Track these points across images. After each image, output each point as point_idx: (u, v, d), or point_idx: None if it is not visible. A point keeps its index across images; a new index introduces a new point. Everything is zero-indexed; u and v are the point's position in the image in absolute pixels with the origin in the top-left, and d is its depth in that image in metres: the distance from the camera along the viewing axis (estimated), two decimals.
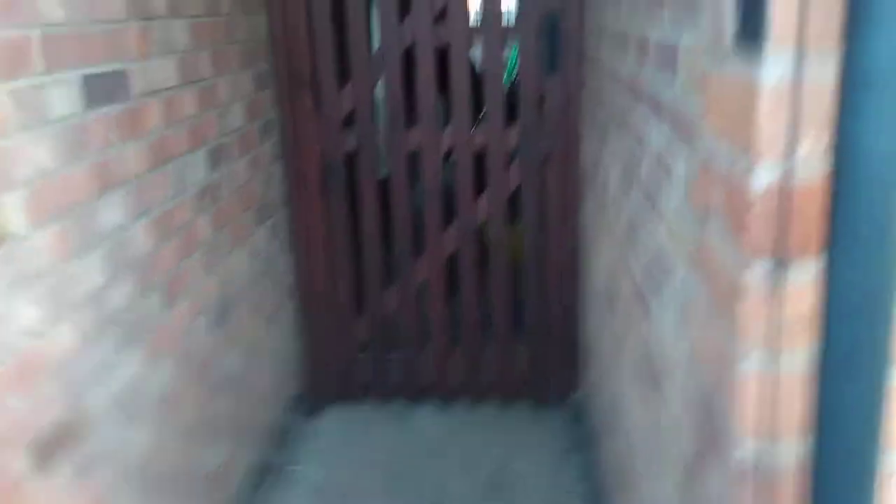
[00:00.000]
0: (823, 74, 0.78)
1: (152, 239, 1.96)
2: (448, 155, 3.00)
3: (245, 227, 2.61)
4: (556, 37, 2.80)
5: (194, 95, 2.25)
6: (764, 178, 0.84)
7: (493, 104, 2.93)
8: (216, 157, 2.38)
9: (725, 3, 0.92)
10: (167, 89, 2.07)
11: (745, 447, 0.92)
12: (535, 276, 3.09)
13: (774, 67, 0.80)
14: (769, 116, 0.82)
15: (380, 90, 3.08)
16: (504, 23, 2.91)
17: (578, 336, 3.03)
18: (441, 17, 2.89)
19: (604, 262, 2.18)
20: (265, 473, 2.81)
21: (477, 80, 2.97)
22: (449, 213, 3.05)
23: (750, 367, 0.90)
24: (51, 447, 1.53)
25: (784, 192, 0.82)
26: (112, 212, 1.78)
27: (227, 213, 2.47)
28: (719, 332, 0.99)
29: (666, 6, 1.32)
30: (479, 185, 3.01)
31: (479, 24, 2.95)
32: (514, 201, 3.07)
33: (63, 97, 1.59)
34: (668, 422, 1.37)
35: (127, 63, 1.86)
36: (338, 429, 3.17)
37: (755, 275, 0.86)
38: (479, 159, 2.97)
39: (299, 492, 2.80)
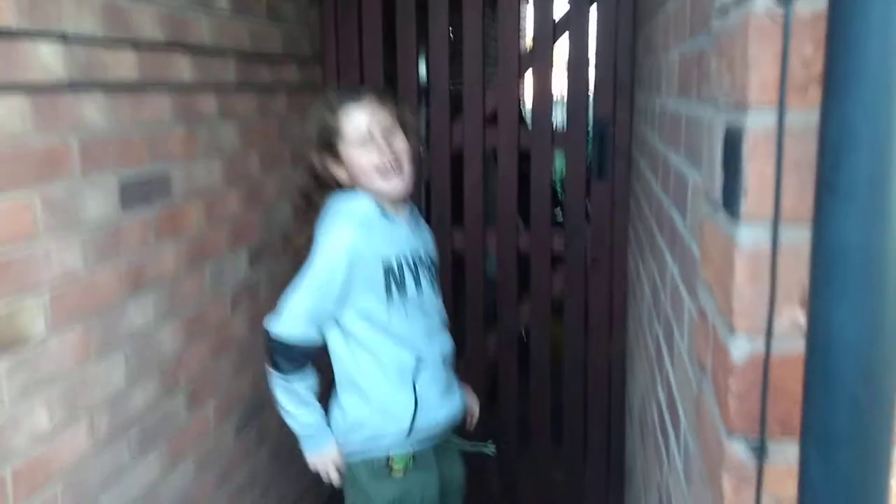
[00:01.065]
0: (799, 250, 0.72)
1: (181, 339, 1.98)
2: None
3: None
4: (606, 143, 2.78)
5: (240, 194, 2.30)
6: (743, 348, 0.77)
7: (540, 208, 2.90)
8: (258, 255, 2.41)
9: (716, 161, 0.88)
10: (211, 189, 2.12)
11: None
12: (576, 385, 2.98)
13: (751, 236, 0.75)
14: (746, 284, 0.76)
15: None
16: (554, 127, 2.91)
17: (619, 455, 2.89)
18: (492, 120, 2.91)
19: (640, 383, 2.08)
20: None
21: (526, 182, 2.96)
22: (491, 316, 3.01)
23: None
24: None
25: (764, 367, 0.76)
26: (141, 312, 1.80)
27: (265, 312, 2.48)
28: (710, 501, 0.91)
29: (683, 137, 1.28)
30: (523, 289, 2.97)
31: (530, 127, 2.97)
32: (559, 306, 3.00)
33: (98, 200, 1.64)
34: None
35: (170, 165, 1.92)
36: None
37: (736, 451, 0.79)
38: (524, 262, 2.93)
39: None
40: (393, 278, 1.74)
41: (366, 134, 1.73)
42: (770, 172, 0.74)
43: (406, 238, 1.81)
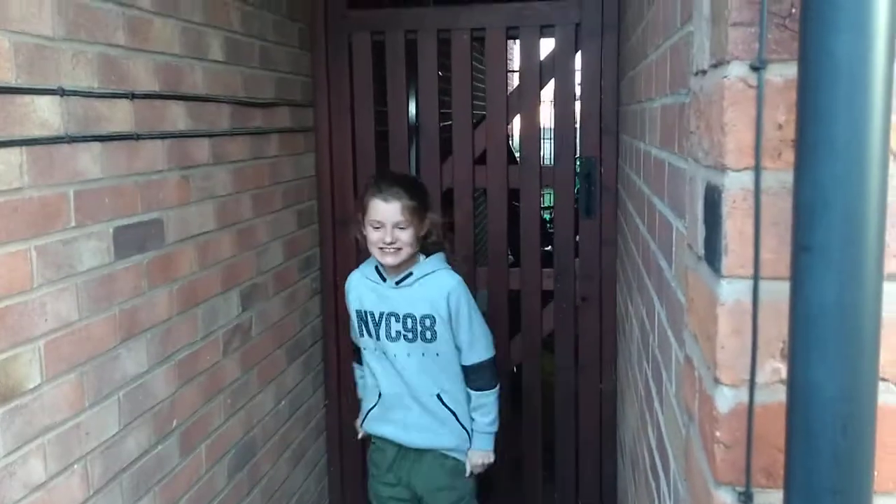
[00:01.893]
0: (779, 305, 0.75)
1: (174, 382, 1.99)
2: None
3: (276, 364, 2.63)
4: (592, 182, 2.82)
5: (232, 238, 2.33)
6: (728, 399, 0.80)
7: (529, 246, 2.94)
8: (249, 297, 2.43)
9: (698, 215, 0.91)
10: (204, 234, 2.14)
11: None
12: (568, 421, 2.99)
13: (732, 292, 0.78)
14: (729, 337, 0.79)
15: None
16: (542, 162, 2.96)
17: (611, 492, 2.89)
18: (481, 160, 2.96)
19: (631, 421, 2.10)
20: None
21: (515, 219, 3.00)
22: None
23: None
24: None
25: (748, 417, 0.78)
26: (134, 359, 1.82)
27: (258, 351, 2.50)
28: None
29: (666, 185, 1.32)
30: (514, 328, 2.99)
31: (518, 162, 3.01)
32: (550, 343, 3.02)
33: (93, 250, 1.66)
34: None
35: (163, 211, 1.94)
36: None
37: (723, 500, 0.81)
38: (514, 301, 2.96)
39: None
40: (363, 322, 2.36)
41: (378, 220, 2.21)
42: (749, 230, 0.77)
43: (386, 297, 2.30)
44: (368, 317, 2.34)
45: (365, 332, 2.36)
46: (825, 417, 0.68)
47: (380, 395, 2.37)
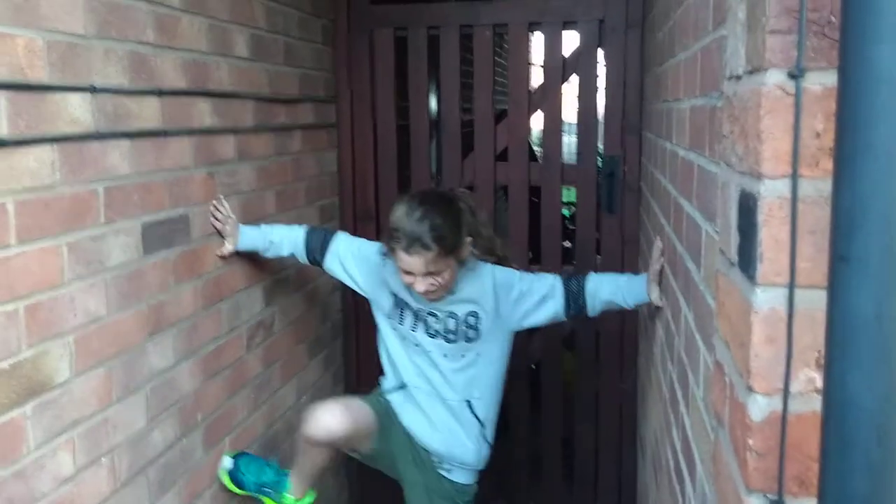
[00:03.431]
0: (814, 314, 0.75)
1: (199, 377, 2.01)
2: None
3: (297, 359, 2.65)
4: (615, 180, 2.81)
5: None
6: (762, 407, 0.80)
7: (550, 243, 2.93)
8: (272, 292, 2.45)
9: (731, 221, 0.91)
10: None
11: None
12: (588, 420, 2.99)
13: (767, 300, 0.78)
14: (763, 346, 0.79)
15: None
16: (564, 159, 2.96)
17: (631, 492, 2.88)
18: (502, 156, 2.95)
19: (653, 421, 2.09)
20: None
21: (536, 214, 3.00)
22: None
23: None
24: None
25: (781, 426, 0.78)
26: (160, 353, 1.83)
27: (280, 347, 2.51)
28: None
29: (695, 187, 1.31)
30: None
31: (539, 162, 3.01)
32: (571, 342, 3.02)
33: (122, 246, 1.68)
34: None
35: (190, 208, 1.96)
36: None
37: None
38: None
39: None
40: (397, 308, 2.14)
41: (406, 270, 1.97)
42: (785, 238, 0.77)
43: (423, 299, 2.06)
44: (404, 306, 2.12)
45: (397, 316, 2.14)
46: (861, 427, 0.68)
47: (403, 384, 2.16)
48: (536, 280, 2.13)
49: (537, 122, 3.01)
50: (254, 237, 2.20)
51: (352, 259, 2.23)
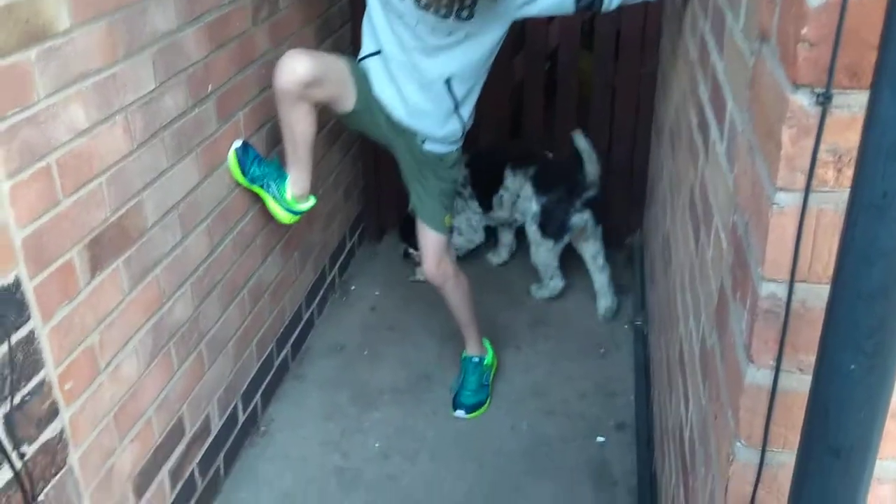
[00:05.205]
0: None
1: (205, 46, 1.92)
2: None
3: (304, 42, 2.54)
4: None
5: None
6: None
7: None
8: None
9: None
10: None
11: (767, 286, 0.88)
12: (603, 108, 2.95)
13: None
14: None
15: None
16: None
17: (642, 175, 2.93)
18: None
19: (674, 99, 2.05)
20: (327, 290, 2.93)
21: None
22: (518, 39, 2.90)
23: (783, 202, 0.83)
24: (107, 247, 1.60)
25: (839, 12, 0.72)
26: (162, 14, 1.74)
27: (286, 25, 2.40)
28: (759, 164, 0.91)
29: None
30: None
31: None
32: (589, 28, 2.89)
33: None
34: (707, 261, 1.32)
35: None
36: (396, 253, 3.24)
37: (799, 101, 0.78)
38: None
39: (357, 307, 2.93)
40: None
41: None
42: None
43: None
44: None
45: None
46: None
47: (379, 51, 2.08)
48: None
49: None
50: None
51: None
